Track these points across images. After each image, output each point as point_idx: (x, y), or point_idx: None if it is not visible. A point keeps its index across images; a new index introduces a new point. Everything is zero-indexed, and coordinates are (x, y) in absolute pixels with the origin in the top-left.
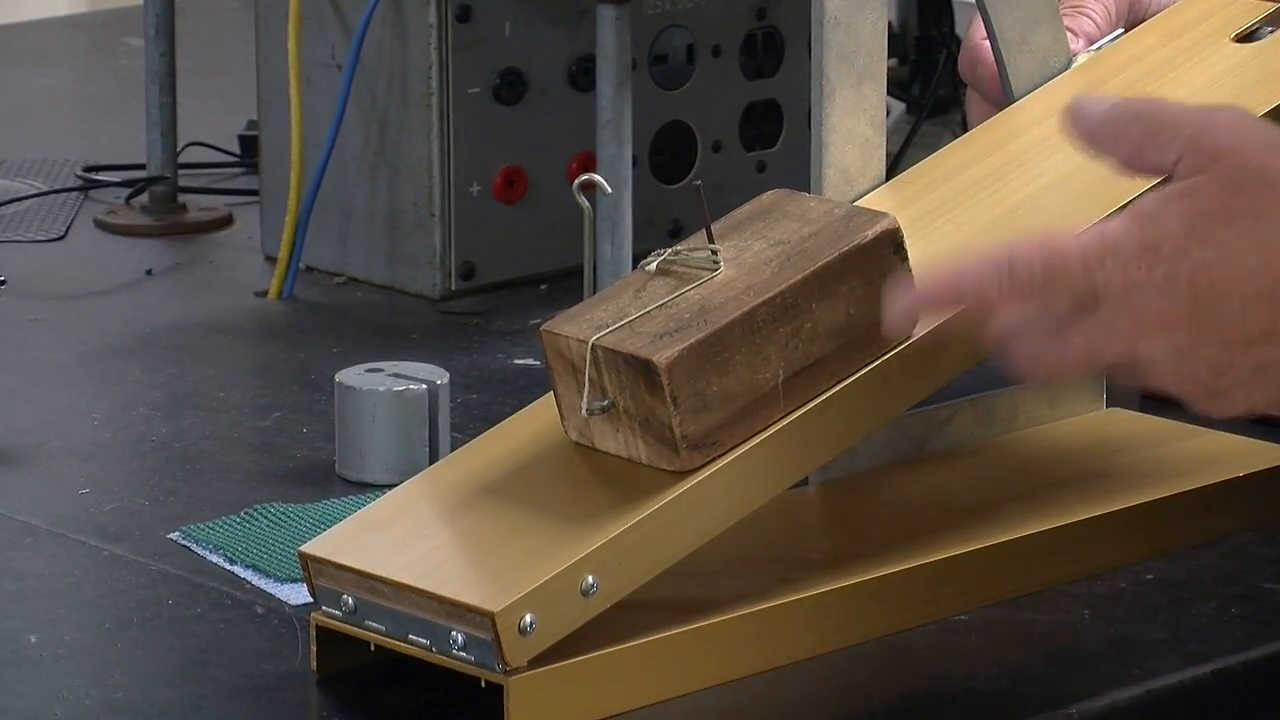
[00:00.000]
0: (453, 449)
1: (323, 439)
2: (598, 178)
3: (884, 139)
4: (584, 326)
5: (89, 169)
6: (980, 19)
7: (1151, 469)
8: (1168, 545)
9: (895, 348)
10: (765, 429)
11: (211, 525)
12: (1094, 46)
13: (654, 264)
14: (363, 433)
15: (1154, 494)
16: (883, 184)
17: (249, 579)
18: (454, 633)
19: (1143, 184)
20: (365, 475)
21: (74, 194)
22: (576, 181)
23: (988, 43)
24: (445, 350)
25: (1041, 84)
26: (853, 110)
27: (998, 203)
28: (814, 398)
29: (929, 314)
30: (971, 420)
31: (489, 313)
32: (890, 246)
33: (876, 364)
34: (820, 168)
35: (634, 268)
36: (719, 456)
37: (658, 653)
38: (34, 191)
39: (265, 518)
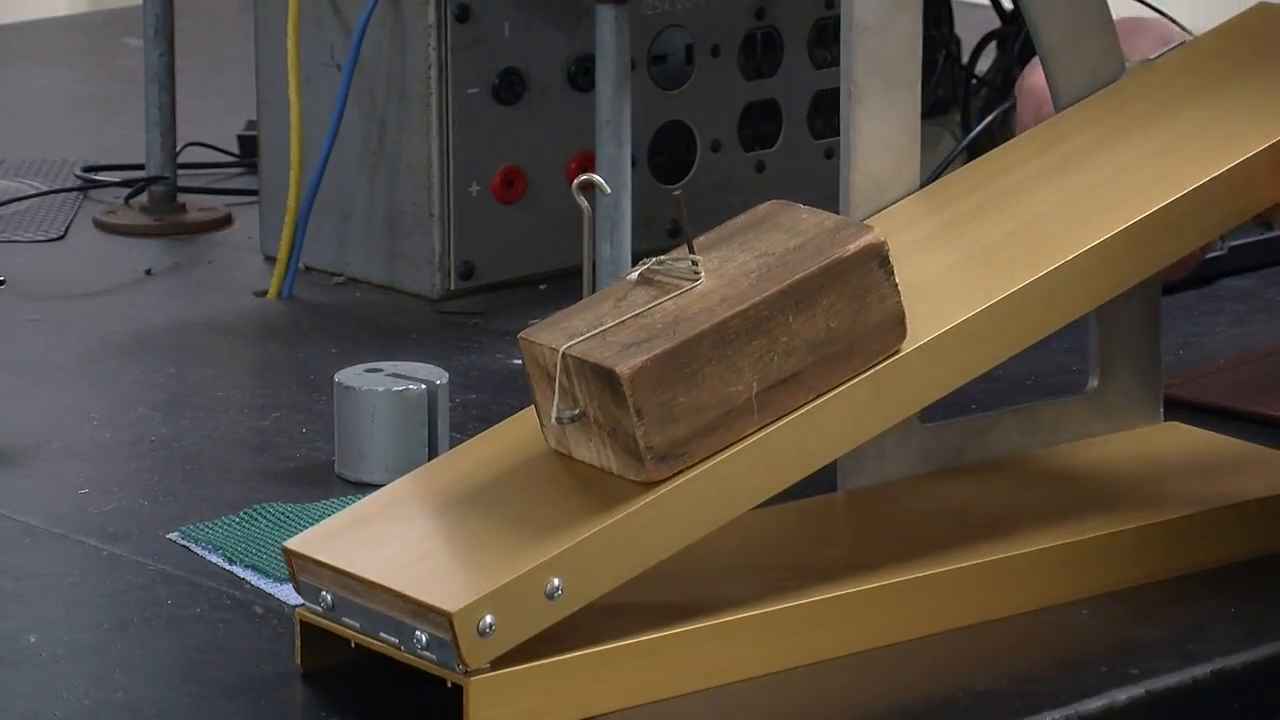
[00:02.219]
0: (451, 449)
1: (322, 439)
2: (597, 178)
3: (919, 145)
4: (558, 335)
5: (88, 169)
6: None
7: (1189, 488)
8: (1195, 563)
9: (879, 363)
10: (738, 442)
11: (211, 525)
12: (1152, 56)
13: (637, 273)
14: (362, 433)
15: (1170, 514)
16: (917, 190)
17: (248, 579)
18: (418, 632)
19: (1173, 191)
20: (364, 475)
21: (73, 194)
22: (576, 181)
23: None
24: (444, 350)
25: (1090, 93)
26: (884, 116)
27: (1026, 210)
28: (791, 412)
29: None
30: (1013, 431)
31: (488, 313)
32: (874, 261)
33: (859, 379)
34: (849, 173)
35: (633, 267)
36: (688, 469)
37: (620, 659)
38: (33, 191)
39: (264, 518)
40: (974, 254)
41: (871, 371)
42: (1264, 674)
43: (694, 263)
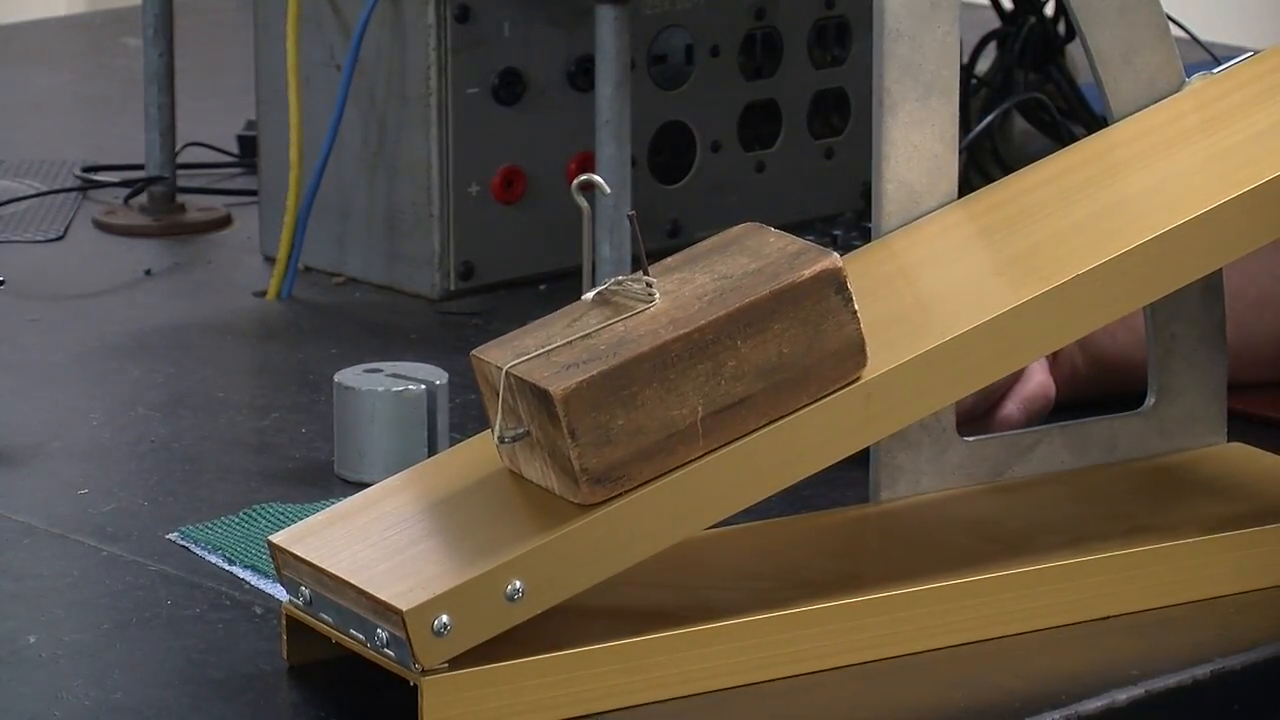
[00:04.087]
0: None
1: (321, 439)
2: (597, 178)
3: (956, 155)
4: (507, 353)
5: (88, 169)
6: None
7: (1237, 508)
8: (1230, 589)
9: (835, 390)
10: (680, 467)
11: (210, 525)
12: (1218, 69)
13: (593, 294)
14: (361, 433)
15: (1212, 533)
16: (955, 200)
17: (247, 579)
18: (379, 630)
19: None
20: (364, 475)
21: (73, 194)
22: (575, 182)
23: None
24: (444, 350)
25: (1147, 105)
26: (918, 125)
27: (1052, 225)
28: (739, 438)
29: None
30: (1062, 447)
31: (488, 313)
32: (831, 287)
33: (814, 406)
34: (880, 182)
35: (632, 268)
36: (626, 492)
37: (584, 664)
38: (33, 192)
39: (264, 518)
40: (995, 266)
41: (827, 399)
42: (1264, 674)
43: (648, 284)
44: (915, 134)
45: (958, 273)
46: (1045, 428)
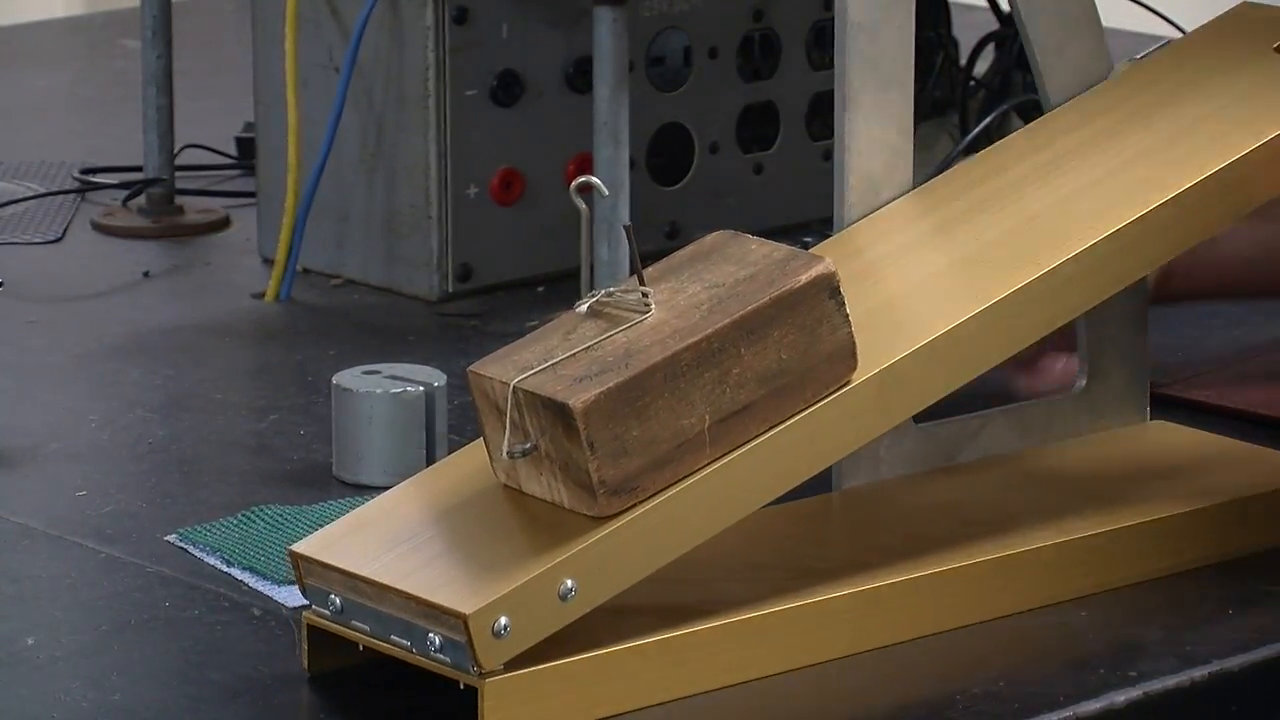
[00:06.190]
0: (449, 451)
1: (320, 441)
2: (595, 180)
3: (911, 146)
4: (508, 368)
5: (86, 171)
6: None
7: (1179, 485)
8: (1187, 561)
9: (831, 394)
10: (691, 475)
11: (209, 527)
12: (1138, 56)
13: (586, 305)
14: (360, 435)
15: (1161, 512)
16: (910, 191)
17: (246, 581)
18: (431, 634)
19: (1167, 190)
20: (362, 477)
21: (71, 196)
22: (574, 183)
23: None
24: (442, 352)
25: (1079, 92)
26: (878, 117)
27: (1019, 211)
28: (744, 444)
29: None
30: (1005, 430)
31: (486, 315)
32: (825, 292)
33: (811, 410)
34: (844, 174)
35: (631, 269)
36: (640, 503)
37: (632, 660)
38: (31, 193)
39: (262, 520)
40: (969, 255)
41: (823, 403)
42: (1262, 676)
43: (644, 295)
44: (875, 127)
45: (933, 264)
46: (988, 411)
